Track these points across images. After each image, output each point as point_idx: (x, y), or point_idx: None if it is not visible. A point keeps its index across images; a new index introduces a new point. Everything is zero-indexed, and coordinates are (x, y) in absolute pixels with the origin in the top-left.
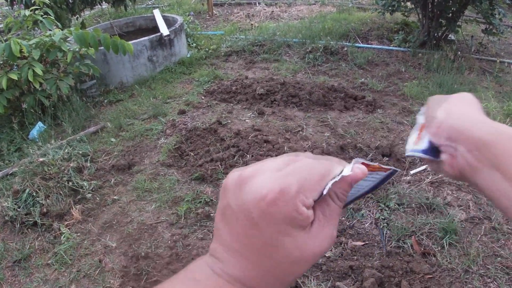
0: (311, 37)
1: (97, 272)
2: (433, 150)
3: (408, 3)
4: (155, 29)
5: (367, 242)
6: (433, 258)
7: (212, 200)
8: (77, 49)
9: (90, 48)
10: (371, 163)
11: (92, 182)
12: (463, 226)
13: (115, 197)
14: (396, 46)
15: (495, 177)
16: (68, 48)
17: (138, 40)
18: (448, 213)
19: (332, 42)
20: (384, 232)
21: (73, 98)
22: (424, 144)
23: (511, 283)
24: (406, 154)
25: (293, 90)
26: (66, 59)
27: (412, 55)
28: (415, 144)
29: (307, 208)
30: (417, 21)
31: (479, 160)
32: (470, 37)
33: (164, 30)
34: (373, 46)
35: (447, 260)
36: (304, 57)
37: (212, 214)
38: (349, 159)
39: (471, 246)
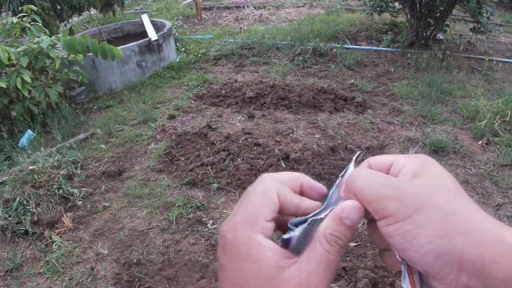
0: (300, 40)
1: (89, 280)
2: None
3: (396, 4)
4: (144, 34)
5: (359, 243)
6: None
7: (203, 204)
8: (65, 56)
9: (78, 54)
10: None
11: (83, 189)
12: None
13: (106, 204)
14: (385, 47)
15: None
16: (56, 54)
17: (127, 45)
18: None
19: (321, 44)
20: None
21: (62, 105)
22: None
23: None
24: None
25: (282, 93)
26: (55, 66)
27: (401, 55)
28: None
29: (265, 234)
30: (406, 21)
31: None
32: (459, 36)
33: (152, 35)
34: (362, 47)
35: None
36: (293, 60)
37: (203, 219)
38: (340, 160)
39: None
